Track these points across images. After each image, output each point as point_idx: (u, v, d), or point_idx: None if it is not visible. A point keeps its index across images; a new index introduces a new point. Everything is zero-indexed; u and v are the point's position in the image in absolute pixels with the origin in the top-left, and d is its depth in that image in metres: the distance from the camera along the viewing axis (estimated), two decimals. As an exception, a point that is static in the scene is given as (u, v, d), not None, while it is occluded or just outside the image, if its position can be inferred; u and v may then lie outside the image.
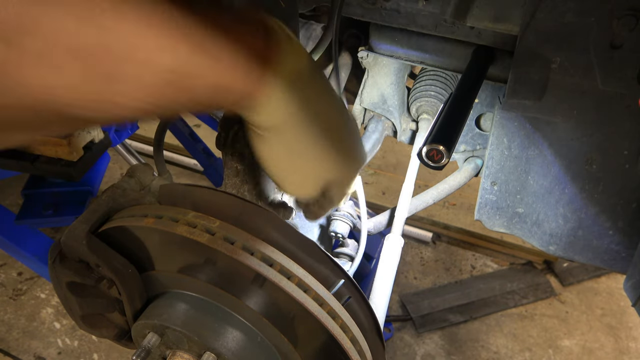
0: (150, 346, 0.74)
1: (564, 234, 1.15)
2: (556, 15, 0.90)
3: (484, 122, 1.26)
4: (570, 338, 2.65)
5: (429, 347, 2.60)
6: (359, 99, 1.36)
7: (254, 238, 0.71)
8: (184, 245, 0.71)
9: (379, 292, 1.03)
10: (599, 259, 1.15)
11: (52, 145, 1.54)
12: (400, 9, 1.08)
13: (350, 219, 1.10)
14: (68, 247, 0.75)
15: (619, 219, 1.08)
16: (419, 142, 1.30)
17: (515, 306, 2.79)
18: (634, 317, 2.72)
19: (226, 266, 0.70)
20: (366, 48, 1.27)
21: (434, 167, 0.85)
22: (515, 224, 1.24)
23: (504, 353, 2.58)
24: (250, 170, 0.84)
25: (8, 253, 2.31)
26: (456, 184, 1.27)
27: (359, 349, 0.74)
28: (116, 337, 0.90)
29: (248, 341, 0.73)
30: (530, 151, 1.13)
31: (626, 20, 0.84)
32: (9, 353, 2.48)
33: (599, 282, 2.91)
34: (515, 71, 0.99)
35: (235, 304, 0.72)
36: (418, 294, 2.83)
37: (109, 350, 2.50)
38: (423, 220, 3.17)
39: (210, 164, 2.83)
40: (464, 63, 1.13)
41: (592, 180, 1.06)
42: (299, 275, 0.70)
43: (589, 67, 0.93)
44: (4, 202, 2.55)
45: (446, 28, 1.08)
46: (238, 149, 0.84)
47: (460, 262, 3.04)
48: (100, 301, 0.83)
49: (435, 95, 1.30)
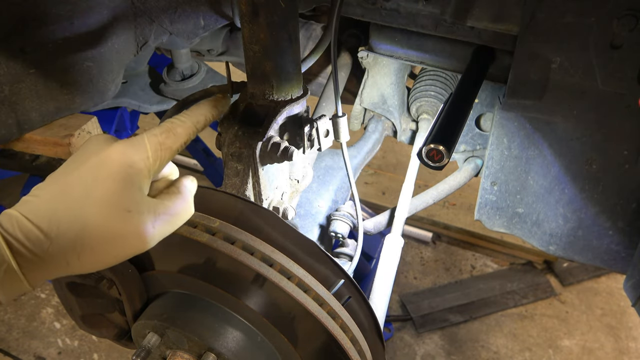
0: (150, 346, 0.74)
1: (564, 234, 1.15)
2: (556, 15, 0.90)
3: (484, 122, 1.26)
4: (570, 338, 2.65)
5: (429, 347, 2.60)
6: (359, 99, 1.36)
7: (254, 238, 0.71)
8: (184, 245, 0.71)
9: (379, 292, 1.03)
10: (599, 259, 1.15)
11: (52, 145, 1.53)
12: (400, 9, 1.08)
13: (350, 219, 1.10)
14: (68, 247, 0.75)
15: (619, 219, 1.08)
16: (419, 142, 1.30)
17: (515, 306, 2.79)
18: (634, 317, 2.72)
19: (226, 266, 0.70)
20: (366, 48, 1.27)
21: (434, 167, 0.85)
22: (515, 224, 1.24)
23: (504, 353, 2.58)
24: (250, 170, 0.84)
25: (8, 253, 2.30)
26: (456, 184, 1.27)
27: (359, 349, 0.74)
28: (116, 337, 0.90)
29: (248, 341, 0.73)
30: (530, 151, 1.13)
31: (626, 20, 0.85)
32: (9, 353, 2.48)
33: (599, 282, 2.91)
34: (515, 71, 0.99)
35: (235, 304, 0.72)
36: (418, 294, 2.83)
37: (109, 350, 2.50)
38: (423, 220, 3.17)
39: (210, 164, 2.83)
40: (464, 63, 1.13)
41: (592, 180, 1.06)
42: (299, 275, 0.70)
43: (589, 67, 0.93)
44: (3, 202, 2.55)
45: (446, 28, 1.08)
46: (238, 148, 0.84)
47: (460, 262, 3.04)
48: (100, 301, 0.83)
49: (435, 95, 1.30)
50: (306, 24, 1.45)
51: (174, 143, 0.66)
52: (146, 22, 1.13)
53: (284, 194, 0.95)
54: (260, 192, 0.86)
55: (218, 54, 1.54)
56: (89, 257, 0.57)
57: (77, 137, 1.60)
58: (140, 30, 1.13)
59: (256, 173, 0.83)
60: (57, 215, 0.56)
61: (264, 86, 0.82)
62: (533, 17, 0.91)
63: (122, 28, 1.10)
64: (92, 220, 0.57)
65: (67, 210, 0.57)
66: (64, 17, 1.00)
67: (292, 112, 0.85)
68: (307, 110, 0.90)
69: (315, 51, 1.03)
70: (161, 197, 0.64)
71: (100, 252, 0.58)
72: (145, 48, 1.16)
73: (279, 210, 0.90)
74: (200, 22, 1.21)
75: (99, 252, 0.58)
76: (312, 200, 1.16)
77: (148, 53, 1.43)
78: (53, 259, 0.56)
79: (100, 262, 0.59)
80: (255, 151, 0.81)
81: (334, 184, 1.21)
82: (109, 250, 0.58)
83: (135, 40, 1.15)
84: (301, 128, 0.88)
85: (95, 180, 0.58)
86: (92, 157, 0.60)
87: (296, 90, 0.85)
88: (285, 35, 0.78)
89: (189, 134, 0.68)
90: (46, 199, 0.57)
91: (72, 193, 0.58)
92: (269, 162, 0.84)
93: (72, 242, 0.56)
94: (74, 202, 0.57)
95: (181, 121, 0.68)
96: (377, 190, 3.41)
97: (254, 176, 0.84)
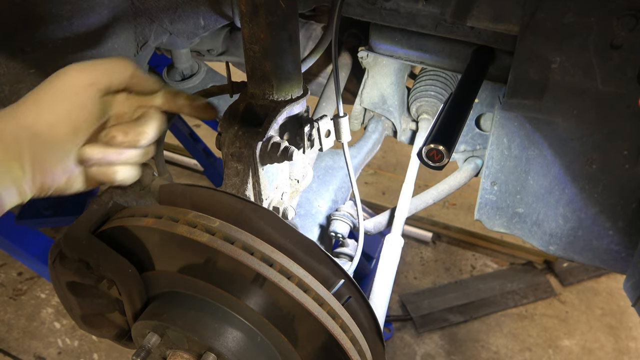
0: (150, 346, 0.74)
1: (564, 234, 1.15)
2: (556, 15, 0.90)
3: (484, 122, 1.26)
4: (570, 338, 2.65)
5: (429, 347, 2.60)
6: (359, 99, 1.36)
7: (254, 238, 0.71)
8: (184, 245, 0.71)
9: (379, 292, 1.03)
10: (598, 259, 1.15)
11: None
12: (400, 9, 1.08)
13: (350, 219, 1.10)
14: (68, 247, 0.75)
15: (619, 219, 1.08)
16: (419, 142, 1.30)
17: (515, 306, 2.79)
18: (634, 317, 2.72)
19: (226, 266, 0.70)
20: (366, 48, 1.27)
21: (434, 167, 0.85)
22: (515, 224, 1.24)
23: (504, 353, 2.58)
24: (250, 170, 0.84)
25: (8, 253, 2.31)
26: (456, 184, 1.27)
27: (359, 349, 0.74)
28: (116, 337, 0.90)
29: (248, 341, 0.73)
30: (530, 151, 1.13)
31: (626, 20, 0.85)
32: (9, 353, 2.48)
33: (599, 282, 2.91)
34: (515, 71, 0.99)
35: (235, 303, 0.72)
36: (418, 294, 2.83)
37: (109, 350, 2.50)
38: (423, 220, 3.17)
39: (210, 164, 2.83)
40: (464, 63, 1.13)
41: (592, 180, 1.06)
42: (299, 275, 0.70)
43: (589, 67, 0.93)
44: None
45: (446, 28, 1.08)
46: (238, 148, 0.84)
47: (460, 262, 3.05)
48: (100, 301, 0.83)
49: (435, 95, 1.30)
50: (306, 24, 1.45)
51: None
52: (146, 22, 1.13)
53: (284, 194, 0.95)
54: (260, 192, 0.86)
55: (218, 54, 1.54)
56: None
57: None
58: (140, 30, 1.13)
59: (256, 173, 0.83)
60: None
61: (264, 86, 0.82)
62: (533, 17, 0.91)
63: (122, 28, 1.10)
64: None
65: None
66: (64, 17, 1.00)
67: (292, 112, 0.85)
68: (307, 110, 0.90)
69: (315, 51, 1.03)
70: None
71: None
72: (145, 48, 1.16)
73: (279, 210, 0.90)
74: (200, 22, 1.21)
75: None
76: (312, 200, 1.16)
77: (148, 53, 1.43)
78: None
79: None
80: (255, 151, 0.81)
81: (334, 184, 1.21)
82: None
83: (135, 40, 1.15)
84: (301, 128, 0.88)
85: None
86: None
87: (296, 90, 0.85)
88: (285, 35, 0.78)
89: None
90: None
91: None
92: (269, 162, 0.84)
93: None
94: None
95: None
96: (377, 190, 3.41)
97: (254, 176, 0.84)
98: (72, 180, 0.75)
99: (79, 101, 0.71)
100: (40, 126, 0.69)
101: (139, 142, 0.76)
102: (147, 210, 0.75)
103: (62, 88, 0.71)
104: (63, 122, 0.71)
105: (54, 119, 0.70)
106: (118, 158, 0.76)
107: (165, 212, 0.73)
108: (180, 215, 0.72)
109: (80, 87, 0.72)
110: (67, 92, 0.71)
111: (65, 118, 0.71)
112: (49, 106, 0.70)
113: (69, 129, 0.71)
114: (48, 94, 0.71)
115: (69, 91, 0.71)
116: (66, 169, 0.73)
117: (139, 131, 0.76)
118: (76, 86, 0.72)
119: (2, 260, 2.89)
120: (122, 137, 0.74)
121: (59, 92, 0.71)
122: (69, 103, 0.71)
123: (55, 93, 0.71)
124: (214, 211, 0.73)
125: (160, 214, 0.73)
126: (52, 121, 0.70)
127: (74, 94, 0.71)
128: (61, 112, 0.70)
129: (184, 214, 0.72)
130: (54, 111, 0.70)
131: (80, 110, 0.72)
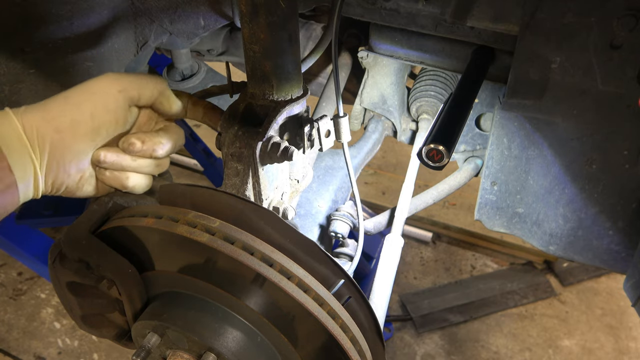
0: (150, 346, 0.74)
1: (564, 234, 1.15)
2: (556, 15, 0.90)
3: (484, 122, 1.26)
4: (570, 338, 2.65)
5: (429, 347, 2.60)
6: (359, 99, 1.36)
7: (254, 238, 0.71)
8: (184, 245, 0.71)
9: (379, 292, 1.03)
10: (598, 259, 1.15)
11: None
12: (400, 9, 1.08)
13: (350, 219, 1.10)
14: (68, 247, 0.75)
15: (619, 219, 1.08)
16: (419, 142, 1.30)
17: (515, 306, 2.79)
18: (634, 317, 2.72)
19: (226, 266, 0.70)
20: (366, 48, 1.27)
21: (434, 167, 0.85)
22: (515, 224, 1.24)
23: (504, 353, 2.58)
24: (250, 170, 0.84)
25: (8, 253, 2.31)
26: (456, 184, 1.27)
27: (359, 349, 0.74)
28: (116, 337, 0.90)
29: (248, 341, 0.73)
30: (530, 151, 1.13)
31: (626, 20, 0.85)
32: (9, 353, 2.49)
33: (599, 282, 2.91)
34: (515, 71, 0.99)
35: (235, 304, 0.72)
36: (418, 294, 2.83)
37: (109, 350, 2.50)
38: (423, 220, 3.17)
39: (210, 164, 2.83)
40: (464, 63, 1.13)
41: (592, 180, 1.06)
42: (299, 275, 0.70)
43: (589, 67, 0.93)
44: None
45: (446, 28, 1.08)
46: (238, 148, 0.84)
47: (460, 262, 3.05)
48: (100, 301, 0.83)
49: (435, 95, 1.30)
50: (306, 24, 1.45)
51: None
52: (146, 22, 1.13)
53: (284, 194, 0.95)
54: (260, 192, 0.86)
55: (218, 54, 1.54)
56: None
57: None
58: (140, 30, 1.13)
59: (256, 173, 0.83)
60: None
61: (264, 86, 0.82)
62: (533, 17, 0.91)
63: (122, 28, 1.10)
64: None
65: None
66: (64, 17, 1.00)
67: (292, 112, 0.85)
68: (307, 110, 0.90)
69: (315, 51, 1.03)
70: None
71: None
72: (145, 48, 1.16)
73: (279, 210, 0.90)
74: (200, 22, 1.21)
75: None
76: (312, 200, 1.16)
77: (148, 53, 1.43)
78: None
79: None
80: (255, 151, 0.81)
81: (334, 184, 1.21)
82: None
83: (135, 40, 1.15)
84: (301, 128, 0.88)
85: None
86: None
87: (296, 90, 0.85)
88: (285, 35, 0.78)
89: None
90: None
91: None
92: (269, 162, 0.84)
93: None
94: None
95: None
96: (377, 190, 3.41)
97: (254, 176, 0.84)
98: (84, 181, 0.76)
99: (105, 104, 0.74)
100: (63, 121, 0.70)
101: (155, 152, 0.78)
102: (147, 210, 0.75)
103: (93, 90, 0.74)
104: (86, 121, 0.72)
105: (78, 117, 0.71)
106: (131, 164, 0.78)
107: (165, 212, 0.74)
108: (180, 215, 0.72)
109: (111, 91, 0.74)
110: (97, 94, 0.74)
111: (89, 118, 0.72)
112: (76, 104, 0.72)
113: (90, 128, 0.72)
114: (78, 93, 0.73)
115: (99, 93, 0.74)
116: (80, 168, 0.74)
117: (157, 141, 0.78)
118: (107, 90, 0.74)
119: (2, 260, 2.89)
120: (140, 145, 0.77)
121: (89, 93, 0.73)
122: (96, 104, 0.73)
123: (85, 93, 0.73)
124: (214, 211, 0.73)
125: (160, 214, 0.73)
126: (75, 119, 0.71)
127: (103, 96, 0.74)
128: (86, 111, 0.72)
129: (184, 214, 0.72)
130: (80, 110, 0.72)
131: (106, 113, 0.74)
